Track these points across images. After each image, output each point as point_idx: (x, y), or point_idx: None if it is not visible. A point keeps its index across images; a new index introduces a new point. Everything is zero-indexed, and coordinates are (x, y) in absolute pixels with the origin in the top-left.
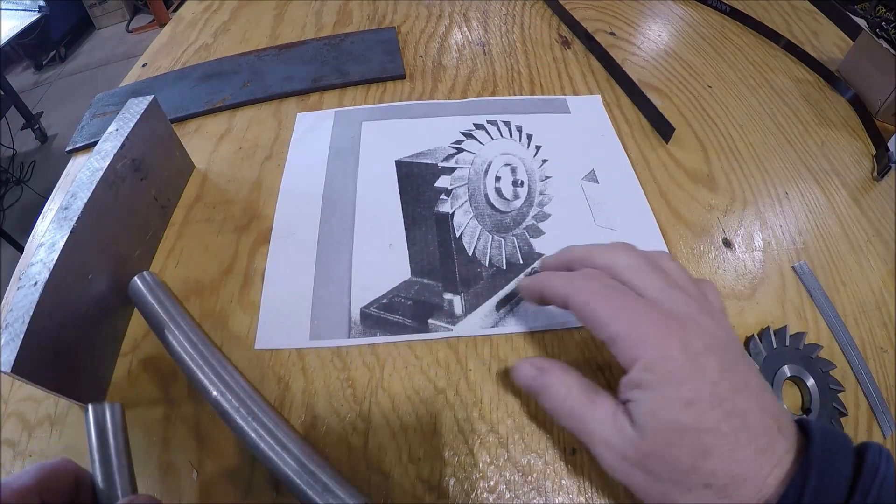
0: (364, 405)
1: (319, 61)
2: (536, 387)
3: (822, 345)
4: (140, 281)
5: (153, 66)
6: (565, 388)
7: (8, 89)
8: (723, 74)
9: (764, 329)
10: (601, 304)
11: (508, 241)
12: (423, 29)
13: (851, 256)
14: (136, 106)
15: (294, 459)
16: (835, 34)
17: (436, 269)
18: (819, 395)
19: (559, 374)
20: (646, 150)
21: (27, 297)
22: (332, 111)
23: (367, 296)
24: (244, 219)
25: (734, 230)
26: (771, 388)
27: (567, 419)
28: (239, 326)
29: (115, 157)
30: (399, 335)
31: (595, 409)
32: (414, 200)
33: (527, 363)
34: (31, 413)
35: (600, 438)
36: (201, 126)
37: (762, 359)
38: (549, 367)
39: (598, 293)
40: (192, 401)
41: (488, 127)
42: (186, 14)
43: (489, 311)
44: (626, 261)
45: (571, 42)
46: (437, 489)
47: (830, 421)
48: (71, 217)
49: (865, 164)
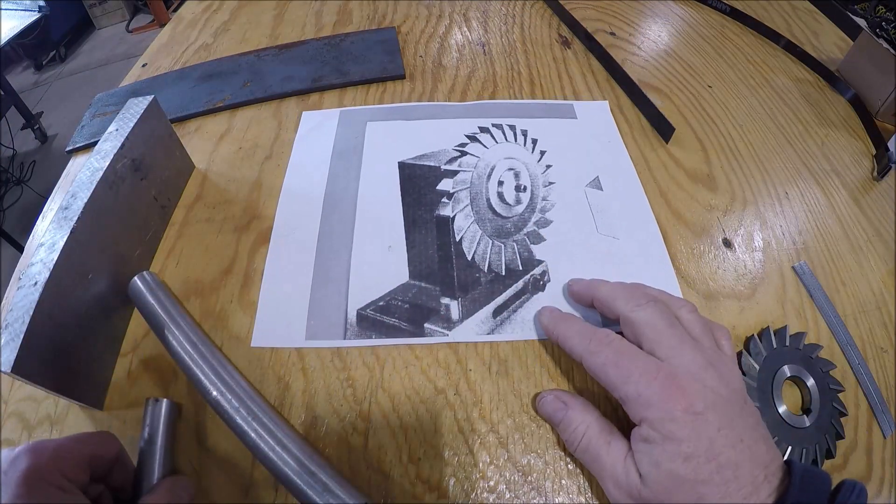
0: (364, 405)
1: (319, 61)
2: (558, 419)
3: (822, 345)
4: (140, 281)
5: (153, 66)
6: (585, 425)
7: (8, 89)
8: (723, 74)
9: (764, 329)
10: (612, 369)
11: (509, 247)
12: (423, 29)
13: (851, 256)
14: (136, 106)
15: (294, 459)
16: (835, 34)
17: (434, 273)
18: (819, 395)
19: (581, 411)
20: (646, 151)
21: (27, 297)
22: (338, 111)
23: (364, 297)
24: (244, 219)
25: (734, 230)
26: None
27: (582, 453)
28: (239, 326)
29: (115, 157)
30: (395, 338)
31: (609, 450)
32: (415, 203)
33: (552, 395)
34: (31, 413)
35: (611, 476)
36: (201, 126)
37: (762, 359)
38: (573, 403)
39: (611, 359)
40: (192, 401)
41: (493, 130)
42: (186, 14)
43: (486, 317)
44: (645, 317)
45: (571, 42)
46: (437, 489)
47: (830, 421)
48: (71, 217)
49: (865, 164)
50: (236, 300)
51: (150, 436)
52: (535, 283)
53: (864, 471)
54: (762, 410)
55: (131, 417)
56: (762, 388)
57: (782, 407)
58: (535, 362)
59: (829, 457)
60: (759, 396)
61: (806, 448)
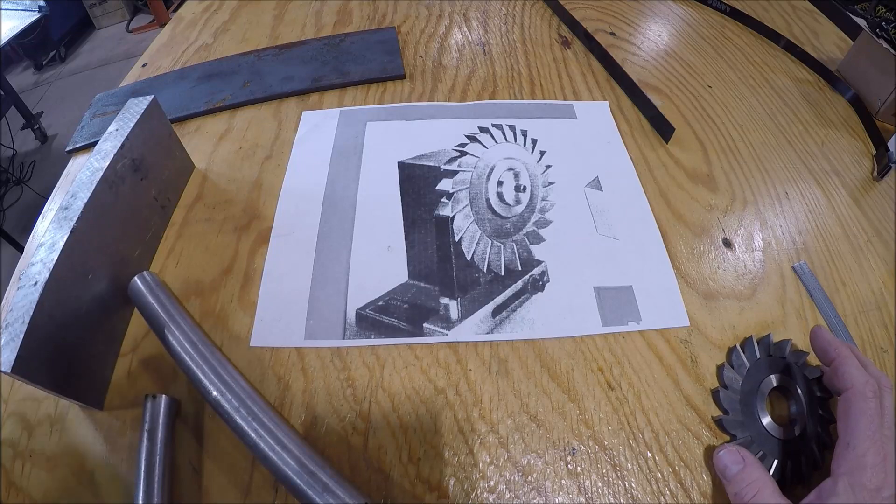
0: (364, 405)
1: (319, 61)
2: (732, 473)
3: (807, 351)
4: (140, 281)
5: (153, 66)
6: (760, 483)
7: (8, 89)
8: (723, 74)
9: (747, 339)
10: (865, 421)
11: (508, 247)
12: (423, 29)
13: (851, 256)
14: (136, 106)
15: (294, 459)
16: (835, 34)
17: (433, 273)
18: (805, 403)
19: (758, 469)
20: (646, 150)
21: (27, 297)
22: (338, 110)
23: (364, 297)
24: (244, 219)
25: (734, 230)
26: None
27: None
28: (239, 326)
29: (115, 157)
30: (394, 338)
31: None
32: (415, 203)
33: (731, 450)
34: (31, 413)
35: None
36: (201, 126)
37: (745, 370)
38: (751, 462)
39: (871, 414)
40: (192, 401)
41: (493, 130)
42: (186, 14)
43: (485, 317)
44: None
45: (571, 42)
46: (437, 489)
47: (818, 429)
48: (71, 217)
49: (865, 164)
50: (236, 300)
51: (150, 432)
52: (535, 284)
53: None
54: (746, 424)
55: (131, 417)
56: (745, 400)
57: (766, 419)
58: (535, 362)
59: (815, 468)
60: (742, 410)
61: (792, 461)
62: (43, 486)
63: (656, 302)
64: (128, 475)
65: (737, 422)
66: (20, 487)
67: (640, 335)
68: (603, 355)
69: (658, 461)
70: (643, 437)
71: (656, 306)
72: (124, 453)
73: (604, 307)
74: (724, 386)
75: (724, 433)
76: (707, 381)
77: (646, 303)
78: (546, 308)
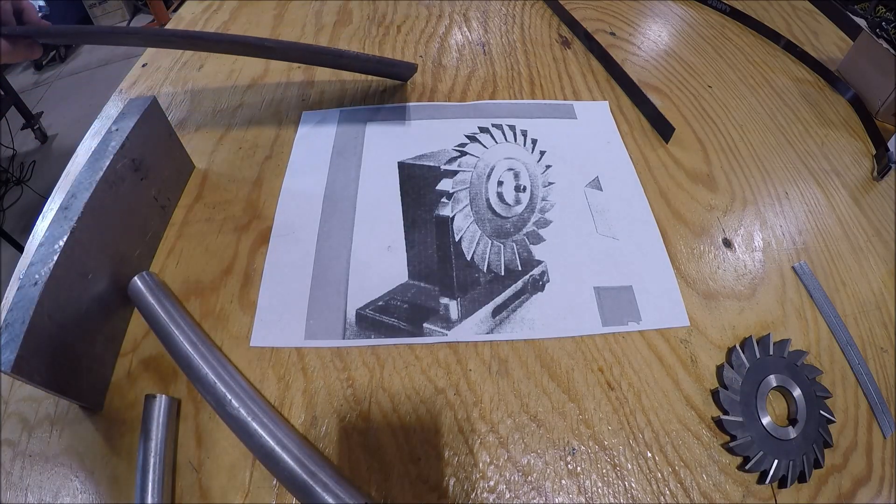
0: (364, 405)
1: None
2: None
3: (807, 351)
4: (140, 281)
5: (153, 66)
6: None
7: (8, 89)
8: (723, 74)
9: (746, 339)
10: None
11: (508, 247)
12: (423, 29)
13: (851, 256)
14: (137, 106)
15: (294, 459)
16: (835, 34)
17: (433, 273)
18: (805, 403)
19: None
20: (646, 150)
21: (27, 296)
22: (338, 111)
23: (364, 297)
24: (244, 219)
25: (734, 230)
26: None
27: None
28: (239, 326)
29: (115, 157)
30: (394, 338)
31: None
32: (415, 203)
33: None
34: (31, 413)
35: None
36: (201, 126)
37: (745, 370)
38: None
39: None
40: (192, 400)
41: (493, 130)
42: (186, 14)
43: (485, 317)
44: None
45: (571, 42)
46: (437, 489)
47: (818, 429)
48: (71, 217)
49: (865, 164)
50: (236, 300)
51: (150, 432)
52: (535, 284)
53: (864, 471)
54: (746, 424)
55: (131, 417)
56: (745, 400)
57: (766, 419)
58: (535, 362)
59: (816, 467)
60: (742, 410)
61: (793, 461)
62: (43, 486)
63: (656, 302)
64: (128, 475)
65: (737, 422)
66: (20, 487)
67: (640, 335)
68: (603, 355)
69: (658, 461)
70: (643, 437)
71: (656, 306)
72: (124, 453)
73: (604, 307)
74: (724, 386)
75: (724, 433)
76: (707, 381)
77: (646, 303)
78: (546, 308)
